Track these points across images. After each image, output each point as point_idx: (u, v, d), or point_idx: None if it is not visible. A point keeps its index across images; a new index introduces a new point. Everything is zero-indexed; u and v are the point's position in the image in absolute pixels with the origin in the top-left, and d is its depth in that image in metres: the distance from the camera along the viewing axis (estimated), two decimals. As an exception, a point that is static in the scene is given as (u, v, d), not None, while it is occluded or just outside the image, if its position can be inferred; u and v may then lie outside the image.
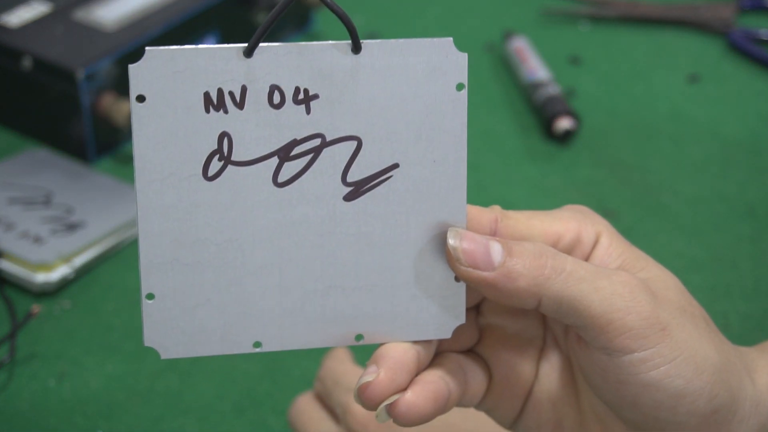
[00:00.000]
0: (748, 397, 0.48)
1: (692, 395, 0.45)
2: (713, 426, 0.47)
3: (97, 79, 0.83)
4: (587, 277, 0.44)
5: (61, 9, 0.89)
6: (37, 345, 0.70)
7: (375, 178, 0.44)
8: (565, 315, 0.44)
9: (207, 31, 0.91)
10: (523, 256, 0.44)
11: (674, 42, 1.01)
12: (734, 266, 0.76)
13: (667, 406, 0.45)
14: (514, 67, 0.96)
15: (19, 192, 0.80)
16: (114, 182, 0.82)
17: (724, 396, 0.46)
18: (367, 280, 0.44)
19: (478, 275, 0.43)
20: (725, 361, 0.47)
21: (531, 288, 0.43)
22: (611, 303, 0.44)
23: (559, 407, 0.49)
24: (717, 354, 0.47)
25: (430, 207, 0.44)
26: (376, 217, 0.44)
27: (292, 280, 0.44)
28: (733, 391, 0.47)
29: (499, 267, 0.43)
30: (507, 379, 0.48)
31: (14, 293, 0.74)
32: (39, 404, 0.67)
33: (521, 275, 0.43)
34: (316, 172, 0.43)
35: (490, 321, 0.48)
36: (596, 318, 0.44)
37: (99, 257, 0.76)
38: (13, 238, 0.75)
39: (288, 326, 0.44)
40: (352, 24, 0.42)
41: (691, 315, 0.47)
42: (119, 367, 0.69)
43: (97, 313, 0.73)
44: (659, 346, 0.44)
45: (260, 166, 0.43)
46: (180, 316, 0.44)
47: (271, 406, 0.66)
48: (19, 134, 0.88)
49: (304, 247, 0.44)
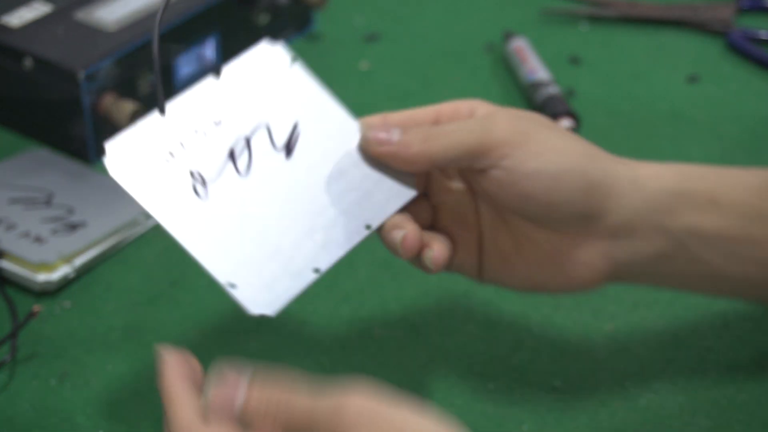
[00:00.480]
0: (623, 176, 0.61)
1: (567, 174, 0.59)
2: (595, 199, 0.60)
3: (98, 80, 0.83)
4: (459, 127, 0.60)
5: (62, 9, 0.89)
6: (38, 345, 0.70)
7: (292, 135, 0.61)
8: (457, 160, 0.60)
9: (207, 31, 0.91)
10: (412, 131, 0.60)
11: (674, 42, 1.01)
12: (734, 266, 0.77)
13: (553, 188, 0.59)
14: (514, 68, 0.96)
15: (20, 192, 0.80)
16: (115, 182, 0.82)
17: (597, 173, 0.60)
18: (347, 190, 0.61)
19: (385, 149, 0.61)
20: (591, 149, 0.61)
21: (422, 151, 0.60)
22: (480, 133, 0.59)
23: (500, 244, 0.63)
24: (581, 144, 0.61)
25: (337, 131, 0.62)
26: (315, 153, 0.61)
27: (306, 216, 0.60)
28: (606, 170, 0.60)
29: (397, 142, 0.60)
30: (461, 239, 0.63)
31: (15, 293, 0.74)
32: (40, 404, 0.67)
33: (413, 143, 0.60)
34: (259, 155, 0.60)
35: (437, 201, 0.64)
36: (475, 147, 0.59)
37: (100, 257, 0.77)
38: (14, 238, 0.76)
39: (323, 246, 0.60)
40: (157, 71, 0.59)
41: (549, 125, 0.61)
42: (120, 366, 0.69)
43: (97, 312, 0.73)
44: (527, 146, 0.59)
45: (225, 174, 0.59)
46: (257, 283, 0.58)
47: (271, 405, 0.67)
48: (20, 134, 0.88)
49: (295, 193, 0.60)
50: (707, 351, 0.70)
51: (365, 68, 0.97)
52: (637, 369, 0.69)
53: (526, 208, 0.60)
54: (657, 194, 0.61)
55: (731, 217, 0.61)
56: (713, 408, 0.67)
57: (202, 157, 0.59)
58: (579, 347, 0.71)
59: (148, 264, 0.77)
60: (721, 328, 0.72)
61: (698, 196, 0.61)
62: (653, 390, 0.68)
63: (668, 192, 0.61)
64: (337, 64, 0.97)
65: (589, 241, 0.61)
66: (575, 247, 0.61)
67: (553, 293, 0.66)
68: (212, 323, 0.72)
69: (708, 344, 0.71)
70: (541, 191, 0.59)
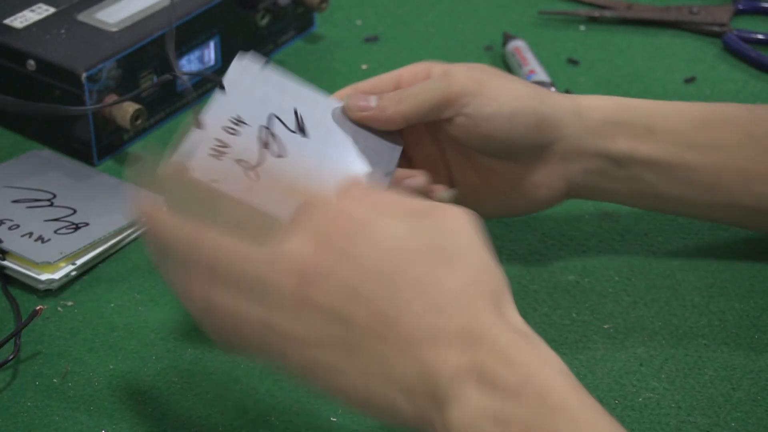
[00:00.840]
0: (567, 109, 0.70)
1: (520, 113, 0.69)
2: (546, 131, 0.70)
3: (101, 81, 0.84)
4: (423, 87, 0.69)
5: (64, 11, 0.89)
6: (41, 343, 0.71)
7: (298, 119, 0.69)
8: (426, 115, 0.69)
9: (208, 32, 0.91)
10: (385, 97, 0.69)
11: (671, 44, 1.01)
12: (730, 266, 0.77)
13: (509, 127, 0.69)
14: (513, 69, 0.96)
15: (23, 192, 0.80)
16: (117, 182, 0.82)
17: (545, 108, 0.70)
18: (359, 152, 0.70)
19: (366, 114, 0.69)
20: (538, 89, 0.71)
21: (396, 112, 0.69)
22: (442, 89, 0.69)
23: (469, 181, 0.73)
24: (528, 86, 0.71)
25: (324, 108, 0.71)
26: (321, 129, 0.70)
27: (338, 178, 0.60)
28: (553, 105, 0.70)
29: (375, 107, 0.69)
30: (435, 182, 0.72)
31: (18, 292, 0.74)
32: (42, 402, 0.67)
33: (387, 107, 0.69)
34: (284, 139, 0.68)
35: (411, 154, 0.74)
36: (439, 101, 0.69)
37: (102, 256, 0.77)
38: (17, 238, 0.76)
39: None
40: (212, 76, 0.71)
41: (499, 73, 0.71)
42: (122, 365, 0.69)
43: (100, 311, 0.73)
44: (483, 93, 0.69)
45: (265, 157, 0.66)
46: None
47: (272, 404, 0.67)
48: (23, 135, 0.89)
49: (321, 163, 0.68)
50: (704, 349, 0.71)
51: (365, 69, 0.97)
52: (634, 367, 0.69)
53: (488, 146, 0.70)
54: (597, 123, 0.71)
55: (666, 145, 0.71)
56: (710, 406, 0.67)
57: (242, 148, 0.65)
58: (577, 345, 0.71)
59: (150, 263, 0.77)
60: (717, 327, 0.72)
61: (635, 125, 0.71)
62: (650, 388, 0.68)
63: (607, 121, 0.71)
64: (338, 66, 0.97)
65: (545, 167, 0.71)
66: (535, 174, 0.71)
67: (521, 215, 0.77)
68: (214, 322, 0.72)
69: (705, 342, 0.71)
70: (500, 130, 0.69)
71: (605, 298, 0.74)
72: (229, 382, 0.68)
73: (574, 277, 0.76)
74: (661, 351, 0.70)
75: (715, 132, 0.71)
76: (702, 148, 0.71)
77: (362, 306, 0.52)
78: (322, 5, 0.98)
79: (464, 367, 0.50)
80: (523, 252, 0.78)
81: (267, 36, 0.98)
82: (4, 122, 0.90)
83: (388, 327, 0.51)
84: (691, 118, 0.72)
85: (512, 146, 0.70)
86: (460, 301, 0.52)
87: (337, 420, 0.66)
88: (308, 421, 0.66)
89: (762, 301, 0.74)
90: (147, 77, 0.87)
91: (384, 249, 0.53)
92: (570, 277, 0.76)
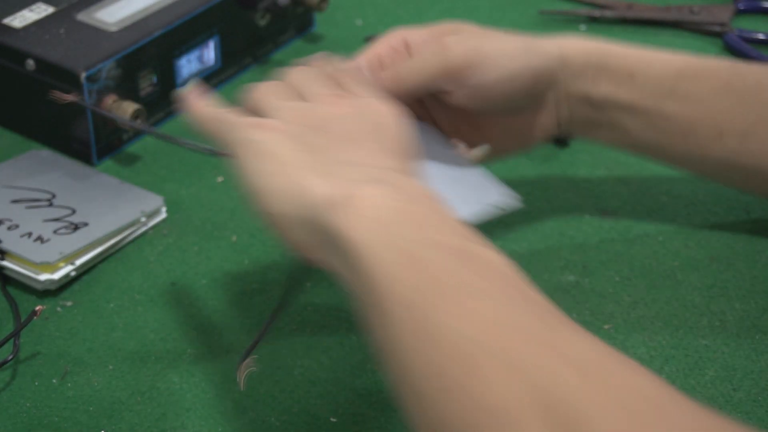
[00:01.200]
0: (554, 55, 0.72)
1: (518, 73, 0.71)
2: (540, 83, 0.72)
3: (100, 81, 0.84)
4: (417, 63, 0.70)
5: (63, 11, 0.89)
6: (40, 344, 0.71)
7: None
8: (427, 87, 0.70)
9: (207, 31, 0.92)
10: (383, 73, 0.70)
11: (671, 43, 1.01)
12: (731, 266, 0.77)
13: (510, 87, 0.71)
14: (512, 69, 0.96)
15: (23, 192, 0.80)
16: (116, 182, 0.82)
17: (537, 61, 0.72)
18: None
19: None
20: (526, 41, 0.72)
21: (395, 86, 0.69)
22: (439, 61, 0.70)
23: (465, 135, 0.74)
24: (519, 41, 0.72)
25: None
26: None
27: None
28: (542, 55, 0.72)
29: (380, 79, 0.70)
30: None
31: (17, 292, 0.74)
32: (42, 402, 0.67)
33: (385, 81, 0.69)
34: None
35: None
36: (440, 75, 0.70)
37: (101, 256, 0.77)
38: (16, 238, 0.76)
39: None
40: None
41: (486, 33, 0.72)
42: (121, 365, 0.69)
43: (99, 312, 0.73)
44: (484, 62, 0.70)
45: None
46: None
47: (272, 405, 0.67)
48: (23, 135, 0.89)
49: None
50: (705, 350, 0.71)
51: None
52: (634, 368, 0.69)
53: (491, 107, 0.72)
54: (581, 67, 0.73)
55: (645, 92, 0.73)
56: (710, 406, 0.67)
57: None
58: (577, 346, 0.71)
59: (149, 264, 0.77)
60: (718, 327, 0.72)
61: (618, 70, 0.73)
62: (651, 388, 0.68)
63: (590, 65, 0.73)
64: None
65: (538, 113, 0.74)
66: (528, 120, 0.75)
67: (512, 156, 0.80)
68: (212, 323, 0.73)
69: (705, 343, 0.71)
70: (501, 93, 0.71)
71: (605, 298, 0.74)
72: (228, 383, 0.68)
73: (574, 277, 0.76)
74: (661, 351, 0.70)
75: (694, 82, 0.73)
76: (679, 98, 0.73)
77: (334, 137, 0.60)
78: (322, 5, 0.98)
79: (370, 179, 0.56)
80: (523, 252, 0.78)
81: (266, 36, 0.98)
82: (4, 122, 0.90)
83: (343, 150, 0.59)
84: (673, 67, 0.74)
85: (513, 103, 0.73)
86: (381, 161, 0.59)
87: (337, 420, 0.66)
88: (308, 421, 0.66)
89: (763, 301, 0.74)
90: (146, 77, 0.87)
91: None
92: (570, 277, 0.76)
